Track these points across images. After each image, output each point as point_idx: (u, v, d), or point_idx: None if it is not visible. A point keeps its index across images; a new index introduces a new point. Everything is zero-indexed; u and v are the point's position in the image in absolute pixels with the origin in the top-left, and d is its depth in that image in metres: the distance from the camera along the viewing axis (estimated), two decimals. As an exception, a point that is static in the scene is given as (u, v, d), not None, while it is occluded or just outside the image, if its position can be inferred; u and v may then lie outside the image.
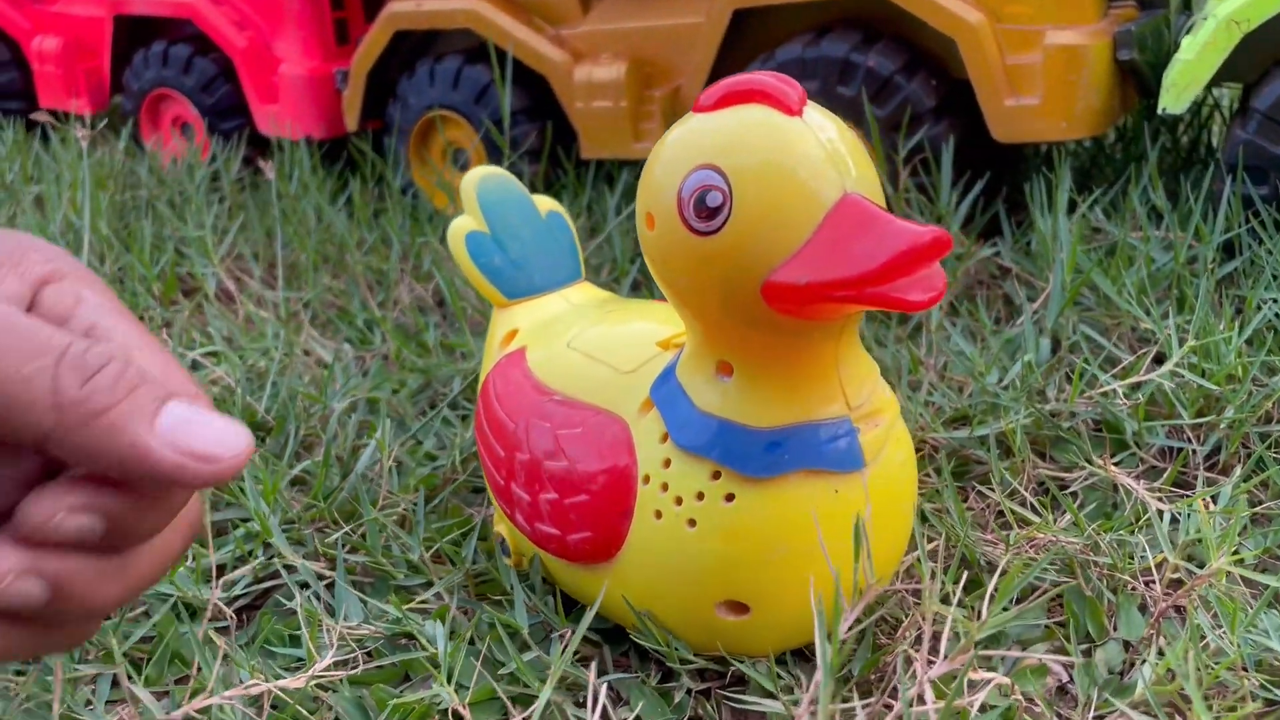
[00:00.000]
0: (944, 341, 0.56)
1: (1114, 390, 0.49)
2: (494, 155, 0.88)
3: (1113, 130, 0.84)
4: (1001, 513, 0.46)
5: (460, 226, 0.44)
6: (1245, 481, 0.45)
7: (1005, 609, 0.33)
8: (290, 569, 0.46)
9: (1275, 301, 0.55)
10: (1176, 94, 0.62)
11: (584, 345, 0.39)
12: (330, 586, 0.44)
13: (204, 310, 0.72)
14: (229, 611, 0.44)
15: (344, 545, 0.46)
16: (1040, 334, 0.56)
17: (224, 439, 0.22)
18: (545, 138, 0.87)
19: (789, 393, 0.31)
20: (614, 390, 0.36)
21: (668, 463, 0.33)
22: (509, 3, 0.87)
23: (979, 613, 0.38)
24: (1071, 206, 0.69)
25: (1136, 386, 0.50)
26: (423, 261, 0.78)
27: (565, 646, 0.36)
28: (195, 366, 0.65)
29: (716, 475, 0.32)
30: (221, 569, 0.47)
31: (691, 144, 0.29)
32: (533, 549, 0.40)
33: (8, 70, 1.21)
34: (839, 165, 0.28)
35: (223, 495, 0.50)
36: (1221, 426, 0.48)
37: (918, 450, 0.51)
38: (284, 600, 0.44)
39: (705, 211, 0.28)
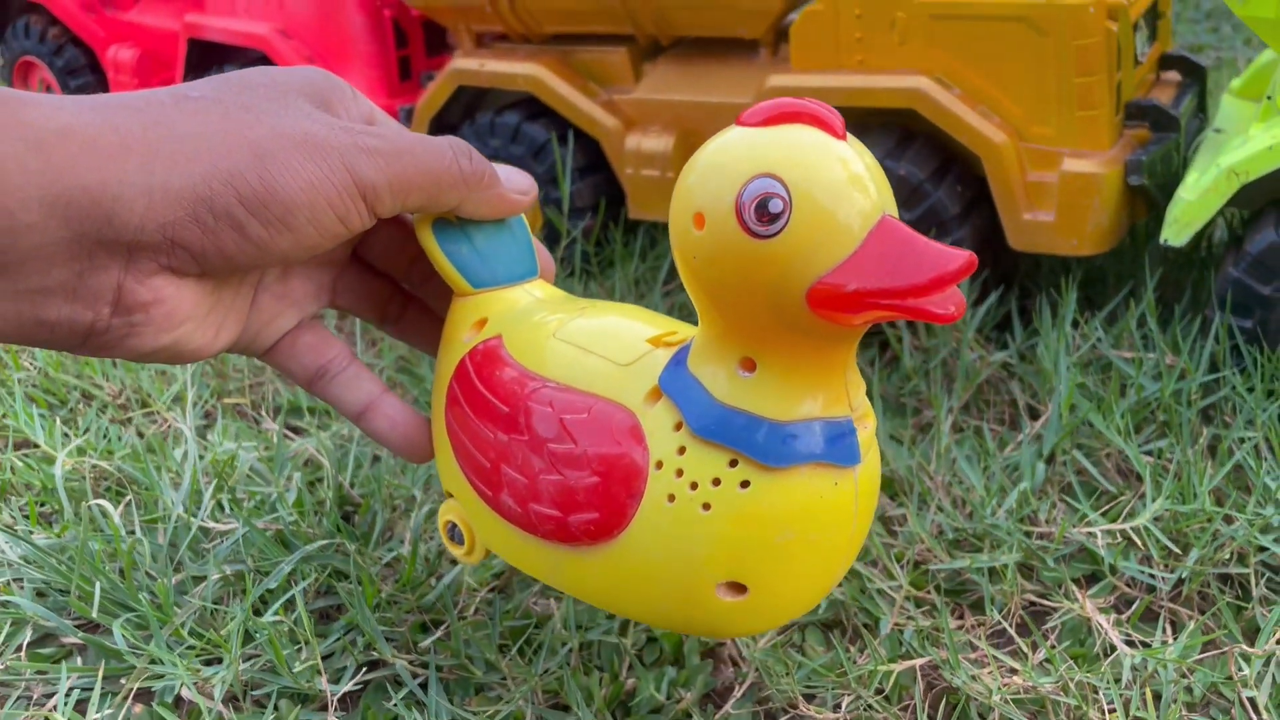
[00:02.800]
0: (951, 456, 0.64)
1: (1094, 533, 0.57)
2: (553, 213, 0.95)
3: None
4: (993, 632, 0.55)
5: (427, 213, 0.44)
6: (1203, 634, 0.53)
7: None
8: (385, 663, 0.54)
9: (1247, 441, 0.62)
10: (1178, 230, 0.68)
11: (572, 338, 0.40)
12: (425, 684, 0.53)
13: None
14: (333, 702, 0.53)
15: (433, 648, 0.55)
16: (1038, 457, 0.63)
17: (526, 180, 0.43)
18: (599, 199, 0.94)
19: (807, 391, 0.34)
20: (613, 381, 0.38)
21: (682, 450, 0.35)
22: (566, 68, 0.93)
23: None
24: (1086, 304, 0.76)
25: (1116, 522, 0.58)
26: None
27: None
28: (290, 434, 0.74)
29: (733, 463, 0.34)
30: (329, 655, 0.56)
31: (749, 154, 0.32)
32: (487, 540, 0.43)
33: (83, 75, 1.27)
34: (878, 188, 0.32)
35: (334, 586, 0.59)
36: (1187, 567, 0.56)
37: (918, 567, 0.59)
38: (384, 695, 0.53)
39: (767, 216, 0.31)
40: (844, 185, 0.31)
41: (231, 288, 0.39)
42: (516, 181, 0.43)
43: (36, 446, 0.72)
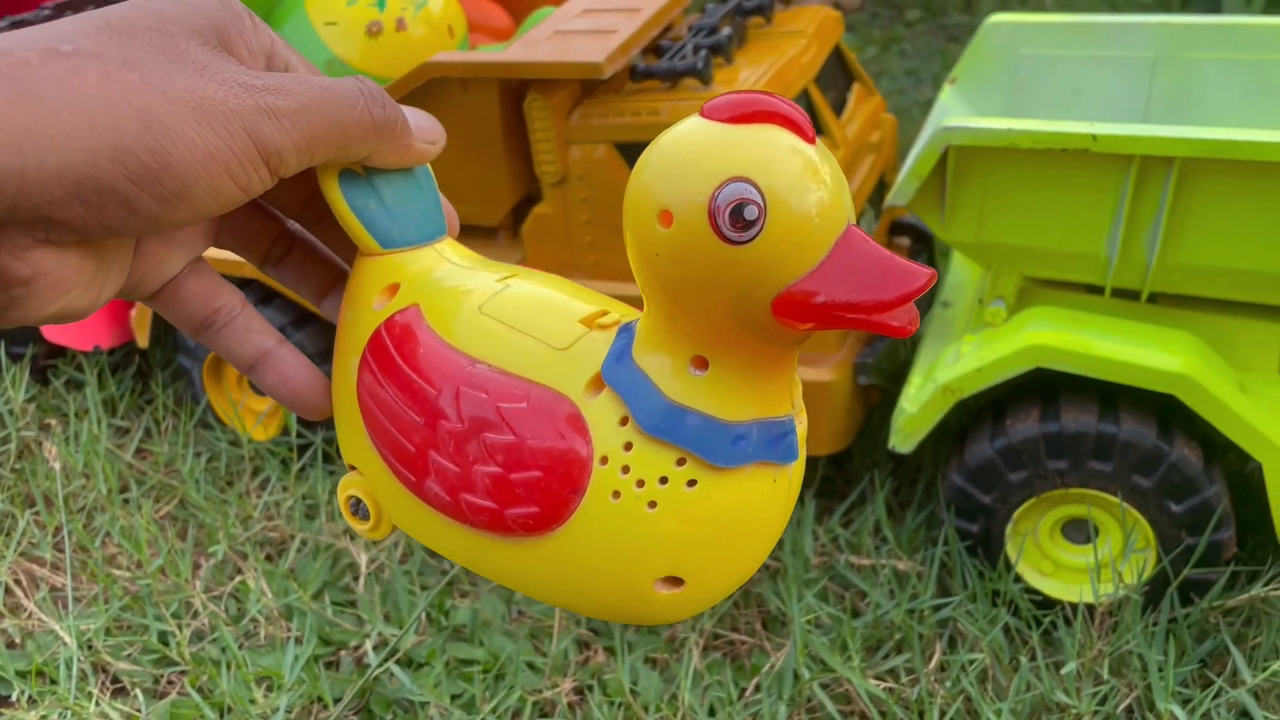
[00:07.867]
0: (694, 708, 0.64)
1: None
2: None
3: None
4: None
5: (332, 164, 0.41)
6: None
7: None
8: None
9: (974, 664, 0.64)
10: (904, 438, 0.70)
11: (500, 314, 0.39)
12: None
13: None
14: None
15: None
16: (779, 699, 0.64)
17: (436, 128, 0.40)
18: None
19: (757, 391, 0.34)
20: (549, 367, 0.37)
21: (629, 446, 0.35)
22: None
23: None
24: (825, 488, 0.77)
25: (853, 774, 0.59)
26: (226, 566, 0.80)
27: None
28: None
29: (681, 462, 0.34)
30: None
31: (724, 153, 0.32)
32: (398, 519, 0.41)
33: None
34: (845, 196, 0.31)
35: None
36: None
37: None
38: None
39: (742, 223, 0.30)
40: (817, 194, 0.30)
41: (115, 242, 0.36)
42: (426, 128, 0.40)
43: None
